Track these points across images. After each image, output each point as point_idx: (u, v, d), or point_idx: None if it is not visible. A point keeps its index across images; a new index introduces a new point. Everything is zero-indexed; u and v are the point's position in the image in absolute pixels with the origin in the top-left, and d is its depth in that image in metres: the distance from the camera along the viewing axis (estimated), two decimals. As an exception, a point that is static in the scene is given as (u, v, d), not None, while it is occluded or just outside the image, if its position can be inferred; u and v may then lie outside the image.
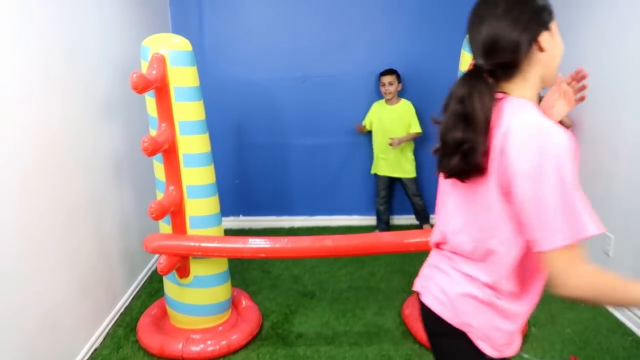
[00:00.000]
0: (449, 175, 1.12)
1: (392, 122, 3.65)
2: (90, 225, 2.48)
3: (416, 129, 3.65)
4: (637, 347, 2.45)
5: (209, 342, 2.38)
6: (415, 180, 3.78)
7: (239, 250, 2.32)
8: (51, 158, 2.13)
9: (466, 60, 2.18)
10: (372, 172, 3.85)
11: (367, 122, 3.75)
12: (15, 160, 1.88)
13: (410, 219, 4.03)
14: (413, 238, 2.33)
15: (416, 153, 3.76)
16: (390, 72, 3.61)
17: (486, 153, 1.04)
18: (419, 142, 3.79)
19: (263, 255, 2.35)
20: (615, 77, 2.74)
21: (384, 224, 3.91)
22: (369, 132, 3.78)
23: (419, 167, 3.78)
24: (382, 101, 3.73)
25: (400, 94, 3.71)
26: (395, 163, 3.72)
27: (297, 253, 2.39)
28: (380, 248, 2.32)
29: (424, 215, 3.88)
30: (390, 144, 3.57)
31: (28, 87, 1.97)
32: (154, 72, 2.07)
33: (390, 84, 3.59)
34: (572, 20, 3.06)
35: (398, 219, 4.08)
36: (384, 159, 3.73)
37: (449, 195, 1.21)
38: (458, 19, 3.60)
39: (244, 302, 2.74)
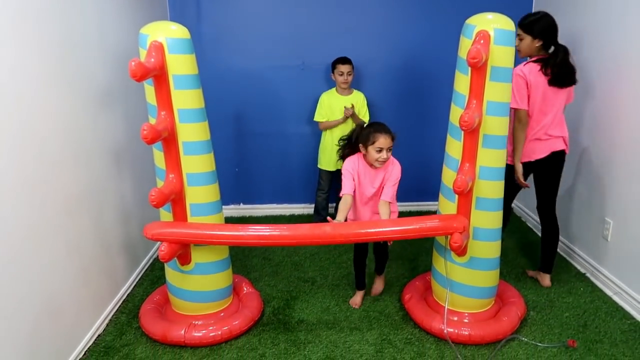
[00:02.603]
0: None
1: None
2: (91, 214, 2.49)
3: (366, 118, 3.53)
4: (635, 331, 2.47)
5: (210, 328, 2.41)
6: None
7: (239, 237, 2.34)
8: (50, 148, 2.13)
9: (465, 46, 2.15)
10: (319, 166, 3.72)
11: (322, 117, 3.58)
12: (14, 151, 1.89)
13: (410, 206, 4.04)
14: (413, 224, 2.35)
15: None
16: (349, 60, 3.47)
17: None
18: None
19: (263, 242, 2.36)
20: (613, 68, 2.73)
21: (323, 216, 3.78)
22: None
23: None
24: (333, 90, 3.59)
25: (409, 79, 3.66)
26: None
27: (296, 240, 2.41)
28: (379, 235, 2.33)
29: None
30: (346, 112, 3.43)
31: (26, 77, 1.96)
32: (152, 59, 2.06)
33: (349, 73, 3.46)
34: (573, 17, 3.05)
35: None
36: (331, 152, 3.50)
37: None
38: (457, 5, 3.63)
39: (245, 289, 2.77)
